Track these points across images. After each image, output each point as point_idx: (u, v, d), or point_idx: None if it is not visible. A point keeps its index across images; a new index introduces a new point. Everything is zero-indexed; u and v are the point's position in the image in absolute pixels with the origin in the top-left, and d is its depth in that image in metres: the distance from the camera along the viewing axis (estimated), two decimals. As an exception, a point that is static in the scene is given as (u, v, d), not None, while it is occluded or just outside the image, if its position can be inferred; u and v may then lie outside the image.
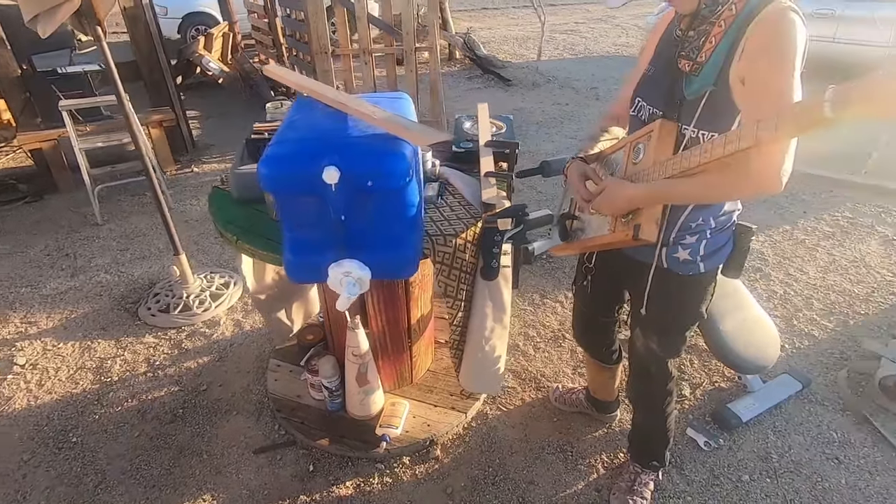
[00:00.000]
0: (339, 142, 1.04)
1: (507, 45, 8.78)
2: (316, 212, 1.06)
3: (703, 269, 1.18)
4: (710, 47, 1.01)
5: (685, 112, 1.06)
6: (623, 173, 1.16)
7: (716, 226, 1.16)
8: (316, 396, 1.90)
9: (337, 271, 1.10)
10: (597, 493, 1.64)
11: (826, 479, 1.67)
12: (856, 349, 2.14)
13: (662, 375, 1.40)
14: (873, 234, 2.96)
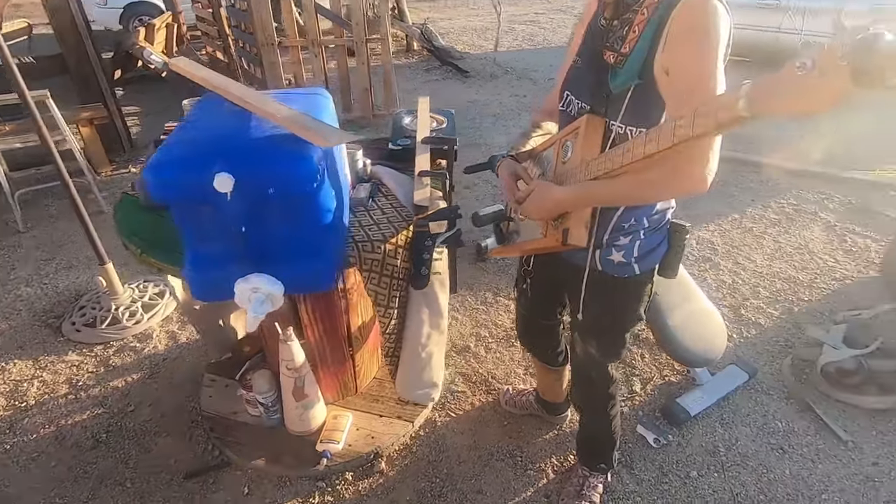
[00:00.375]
0: (236, 145, 0.93)
1: (467, 35, 8.68)
2: (214, 223, 0.96)
3: (639, 271, 1.13)
4: (634, 37, 0.95)
5: (612, 107, 1.00)
6: (553, 173, 1.09)
7: (649, 225, 1.11)
8: (252, 413, 1.79)
9: (244, 287, 1.00)
10: (546, 499, 1.60)
11: (771, 471, 1.67)
12: (800, 336, 2.17)
13: (603, 380, 1.35)
14: (816, 221, 3.03)
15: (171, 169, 0.90)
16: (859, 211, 3.09)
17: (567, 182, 1.02)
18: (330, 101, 1.19)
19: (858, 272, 2.58)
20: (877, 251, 2.70)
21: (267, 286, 1.00)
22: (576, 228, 0.97)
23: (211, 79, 1.14)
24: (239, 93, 1.06)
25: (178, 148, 0.93)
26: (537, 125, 1.28)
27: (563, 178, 1.04)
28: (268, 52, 4.34)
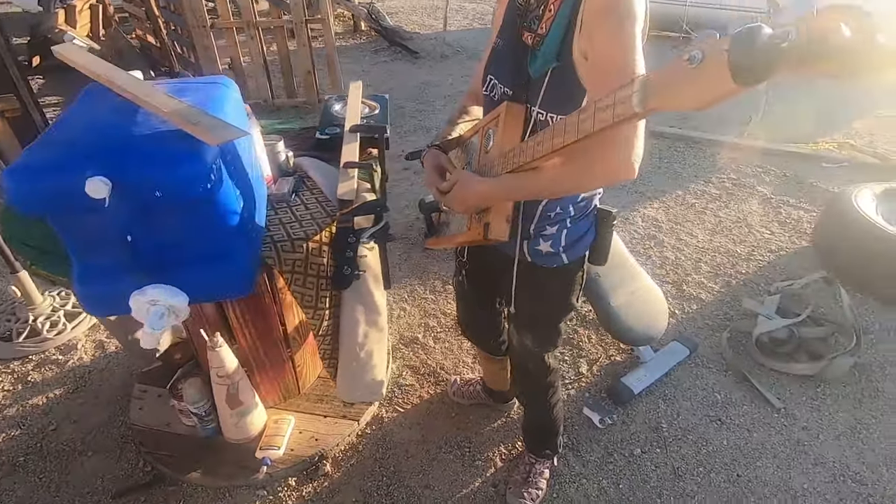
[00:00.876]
0: (113, 144, 0.83)
1: (416, 14, 8.45)
2: (99, 232, 0.86)
3: (567, 260, 1.11)
4: (550, 16, 0.90)
5: (532, 92, 0.95)
6: (477, 163, 1.04)
7: (575, 213, 1.08)
8: (186, 423, 1.70)
9: (140, 300, 0.91)
10: (493, 488, 1.59)
11: (710, 443, 1.72)
12: (738, 309, 2.24)
13: (541, 370, 1.34)
14: (754, 194, 3.12)
15: (33, 175, 0.80)
16: (793, 183, 3.21)
17: (488, 173, 0.97)
18: (233, 91, 1.09)
19: (792, 243, 2.68)
20: (809, 222, 2.81)
21: (166, 297, 0.91)
22: (496, 222, 0.93)
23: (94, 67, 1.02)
24: (124, 83, 0.95)
25: (45, 149, 0.82)
26: (465, 110, 1.22)
27: (485, 168, 0.99)
28: (200, 35, 4.08)
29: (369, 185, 1.38)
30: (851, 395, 1.86)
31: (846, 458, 1.66)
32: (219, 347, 1.47)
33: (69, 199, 0.80)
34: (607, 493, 1.58)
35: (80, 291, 0.93)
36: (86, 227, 0.85)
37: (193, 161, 0.84)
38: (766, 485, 1.59)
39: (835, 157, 3.45)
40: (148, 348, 0.94)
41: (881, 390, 1.87)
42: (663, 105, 0.55)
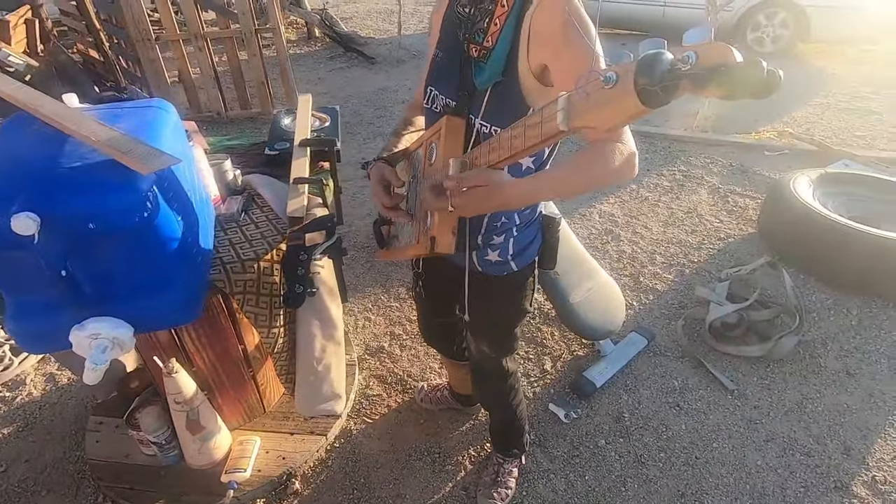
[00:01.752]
0: (41, 176, 0.81)
1: (371, 19, 8.44)
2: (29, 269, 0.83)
3: (517, 268, 1.14)
4: (496, 30, 0.91)
5: (475, 103, 0.96)
6: (422, 175, 1.06)
7: (521, 222, 1.11)
8: (147, 452, 1.65)
9: (81, 335, 0.88)
10: (464, 492, 1.61)
11: (670, 428, 1.79)
12: (691, 297, 2.33)
13: (500, 374, 1.36)
14: (703, 185, 3.26)
15: None
16: (739, 172, 3.36)
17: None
18: (169, 114, 1.07)
19: (740, 230, 2.81)
20: (754, 209, 2.95)
21: (109, 330, 0.89)
22: (442, 236, 0.93)
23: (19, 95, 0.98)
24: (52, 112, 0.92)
25: None
26: (409, 122, 1.22)
27: (429, 180, 1.01)
28: (144, 48, 3.96)
29: (320, 199, 1.38)
30: (797, 371, 1.97)
31: (794, 432, 1.75)
32: (175, 373, 1.43)
33: None
34: (575, 487, 1.62)
35: (14, 329, 0.89)
36: (14, 264, 0.82)
37: (127, 190, 0.82)
38: (722, 464, 1.67)
39: (776, 146, 3.63)
40: (90, 384, 0.92)
41: (823, 365, 1.99)
42: (586, 123, 0.57)
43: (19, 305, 0.88)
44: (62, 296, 0.86)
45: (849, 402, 1.85)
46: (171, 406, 1.49)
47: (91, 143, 0.83)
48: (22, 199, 0.76)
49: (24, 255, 0.81)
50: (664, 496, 1.58)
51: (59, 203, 0.78)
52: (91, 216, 0.80)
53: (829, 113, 4.18)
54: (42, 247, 0.78)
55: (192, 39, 4.04)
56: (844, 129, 3.91)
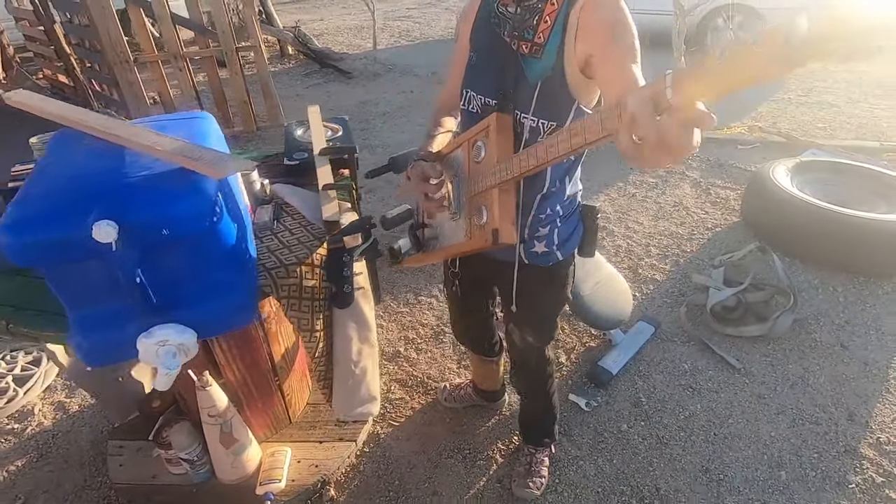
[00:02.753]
0: (111, 187, 0.82)
1: (342, 35, 8.49)
2: (102, 278, 0.84)
3: (562, 257, 1.19)
4: (547, 27, 0.95)
5: (522, 100, 1.01)
6: (467, 174, 1.10)
7: (563, 213, 1.16)
8: (175, 472, 1.62)
9: (148, 343, 0.89)
10: (499, 484, 1.64)
11: (686, 408, 1.87)
12: (689, 284, 2.43)
13: (542, 362, 1.41)
14: (686, 179, 3.41)
15: (34, 227, 0.77)
16: (717, 166, 3.53)
17: (481, 184, 1.02)
18: (213, 124, 1.09)
19: (725, 219, 2.95)
20: (735, 199, 3.10)
21: (176, 336, 0.90)
22: (504, 227, 0.97)
23: (65, 113, 0.99)
24: (103, 126, 0.93)
25: (38, 201, 0.79)
26: (438, 123, 1.26)
27: (478, 178, 1.05)
28: (122, 70, 3.90)
29: (349, 204, 1.41)
30: (796, 347, 2.08)
31: (801, 403, 1.86)
32: (209, 386, 1.43)
33: (73, 249, 0.78)
34: (604, 471, 1.67)
35: (79, 343, 0.89)
36: (86, 274, 0.82)
37: (197, 196, 0.84)
38: (739, 438, 1.75)
39: (747, 140, 3.83)
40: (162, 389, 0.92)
41: (819, 340, 2.11)
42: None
43: (85, 318, 0.88)
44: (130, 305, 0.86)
45: (846, 372, 1.97)
46: (204, 420, 1.48)
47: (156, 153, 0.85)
48: (98, 209, 0.77)
49: (97, 265, 0.82)
50: (690, 472, 1.65)
51: (134, 211, 0.79)
52: (164, 222, 0.81)
53: (792, 107, 4.44)
54: (119, 255, 0.79)
55: (171, 60, 4.01)
56: (807, 121, 4.16)
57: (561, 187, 1.13)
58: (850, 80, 4.99)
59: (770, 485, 1.61)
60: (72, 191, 0.81)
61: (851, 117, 4.19)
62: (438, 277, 2.61)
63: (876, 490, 1.58)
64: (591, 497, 1.60)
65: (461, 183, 1.11)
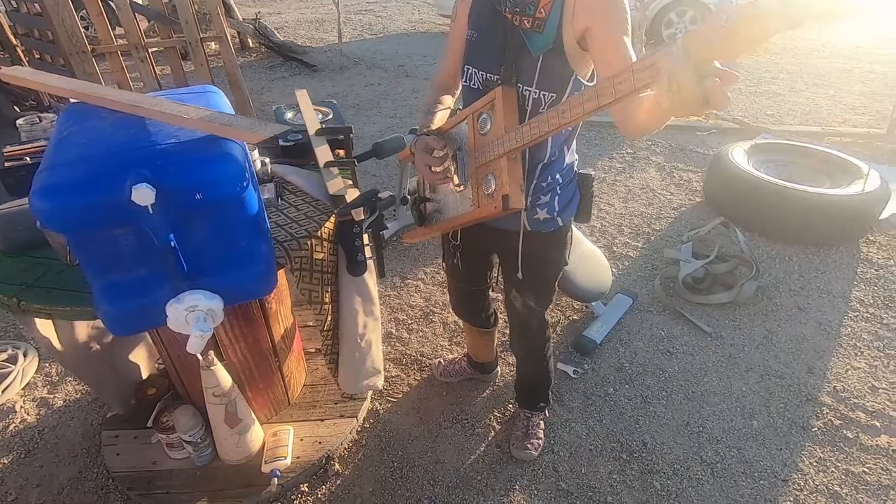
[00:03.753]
0: (145, 152, 0.83)
1: (303, 28, 8.36)
2: (132, 244, 0.85)
3: (562, 223, 1.26)
4: (548, 2, 1.01)
5: (525, 73, 1.06)
6: (472, 146, 1.15)
7: (563, 181, 1.23)
8: (177, 457, 1.62)
9: (178, 309, 0.91)
10: (498, 448, 1.72)
11: (665, 370, 2.00)
12: (661, 259, 2.59)
13: (542, 326, 1.49)
14: (650, 163, 3.59)
15: (70, 191, 0.77)
16: (678, 151, 3.73)
17: (487, 154, 1.08)
18: (223, 97, 1.10)
19: (688, 199, 3.13)
20: (697, 181, 3.30)
21: (205, 301, 0.92)
22: (514, 193, 1.03)
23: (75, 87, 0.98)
24: (120, 97, 0.93)
25: (70, 167, 0.80)
26: (438, 101, 1.30)
27: (484, 149, 1.10)
28: (80, 61, 3.73)
29: (351, 181, 1.45)
30: (760, 311, 2.26)
31: (767, 361, 2.02)
32: (213, 366, 1.44)
33: (108, 212, 0.78)
34: (595, 430, 1.78)
35: (107, 311, 0.89)
36: (115, 240, 0.83)
37: (231, 160, 0.86)
38: (714, 394, 1.89)
39: (704, 126, 4.06)
40: (195, 352, 0.94)
41: (779, 304, 2.30)
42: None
43: (112, 286, 0.88)
44: (164, 269, 0.87)
45: (804, 331, 2.16)
46: (208, 401, 1.49)
47: (184, 122, 0.87)
48: (134, 173, 0.78)
49: (127, 231, 0.83)
50: (672, 427, 1.78)
51: (170, 175, 0.81)
52: (199, 186, 0.83)
53: (743, 96, 4.72)
54: (155, 219, 0.80)
55: (132, 51, 3.87)
56: (757, 108, 4.44)
57: (560, 156, 1.20)
58: (794, 71, 5.35)
59: (744, 433, 1.75)
60: (106, 156, 0.81)
61: (795, 105, 4.51)
62: (424, 261, 2.66)
63: (835, 431, 1.75)
64: (585, 454, 1.70)
65: (465, 156, 1.17)
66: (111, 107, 0.94)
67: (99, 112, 0.95)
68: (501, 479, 1.63)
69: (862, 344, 2.09)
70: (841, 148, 3.21)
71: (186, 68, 4.25)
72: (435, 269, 2.60)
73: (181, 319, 0.91)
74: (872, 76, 5.15)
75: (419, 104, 4.90)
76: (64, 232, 0.81)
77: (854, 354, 2.04)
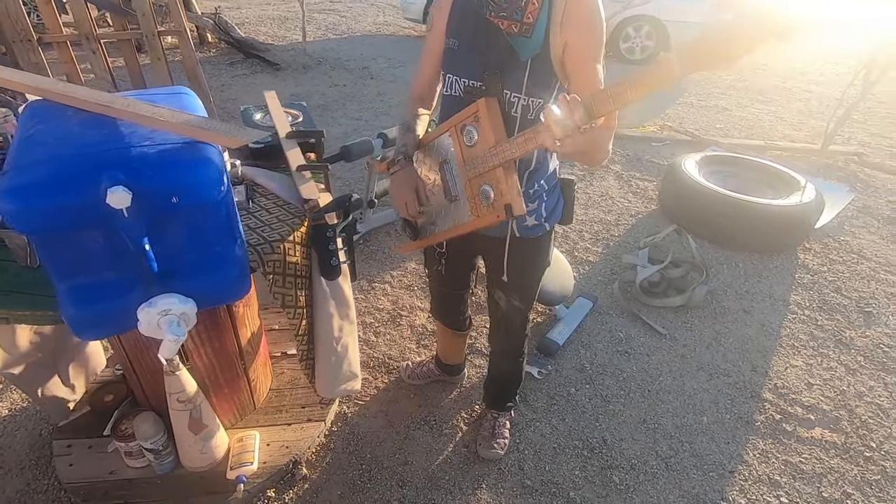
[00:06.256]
0: (119, 153, 0.82)
1: (265, 25, 8.18)
2: (103, 246, 0.83)
3: (549, 227, 1.31)
4: (535, 9, 1.03)
5: (513, 79, 1.07)
6: (461, 158, 1.16)
7: (547, 187, 1.27)
8: (136, 465, 1.56)
9: (151, 313, 0.89)
10: (465, 448, 1.76)
11: (623, 371, 2.10)
12: (619, 264, 2.70)
13: (524, 323, 1.54)
14: (609, 172, 3.73)
15: (41, 192, 0.74)
16: (635, 160, 3.90)
17: (478, 166, 1.10)
18: (197, 99, 1.09)
19: (645, 207, 3.29)
20: (653, 190, 3.46)
21: (179, 305, 0.90)
22: (516, 201, 1.05)
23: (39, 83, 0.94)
24: (89, 96, 0.91)
25: (39, 167, 0.77)
26: (416, 115, 1.30)
27: (475, 160, 1.11)
28: (24, 50, 3.53)
29: (323, 185, 1.45)
30: (710, 314, 2.40)
31: (716, 360, 2.16)
32: (178, 370, 1.40)
33: (81, 214, 0.76)
34: (558, 429, 1.84)
35: (74, 315, 0.86)
36: (85, 242, 0.81)
37: (208, 165, 0.86)
38: (668, 392, 2.00)
39: (659, 137, 4.26)
40: (168, 357, 0.92)
41: (727, 307, 2.45)
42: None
43: (80, 289, 0.85)
44: (136, 272, 0.86)
45: (749, 332, 2.31)
46: (172, 407, 1.45)
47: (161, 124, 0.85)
48: (108, 175, 0.77)
49: (97, 233, 0.81)
50: (630, 424, 1.87)
51: (146, 178, 0.79)
52: (175, 190, 0.82)
53: (693, 110, 4.99)
54: (130, 221, 0.79)
55: (83, 41, 3.69)
56: (707, 122, 4.70)
57: (544, 163, 1.24)
58: (740, 87, 5.69)
59: (695, 428, 1.87)
60: (77, 157, 0.79)
61: (742, 119, 4.80)
62: (391, 264, 2.67)
63: (775, 425, 1.89)
64: (549, 452, 1.76)
65: (453, 168, 1.19)
66: (80, 106, 0.92)
67: (64, 111, 0.92)
68: (469, 478, 1.67)
69: (799, 344, 2.26)
70: (781, 161, 3.45)
71: (142, 61, 4.09)
72: (401, 272, 2.62)
73: (153, 324, 0.90)
74: (809, 94, 5.55)
75: (384, 107, 4.91)
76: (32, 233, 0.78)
77: (792, 354, 2.21)
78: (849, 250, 2.90)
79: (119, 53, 4.13)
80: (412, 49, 7.20)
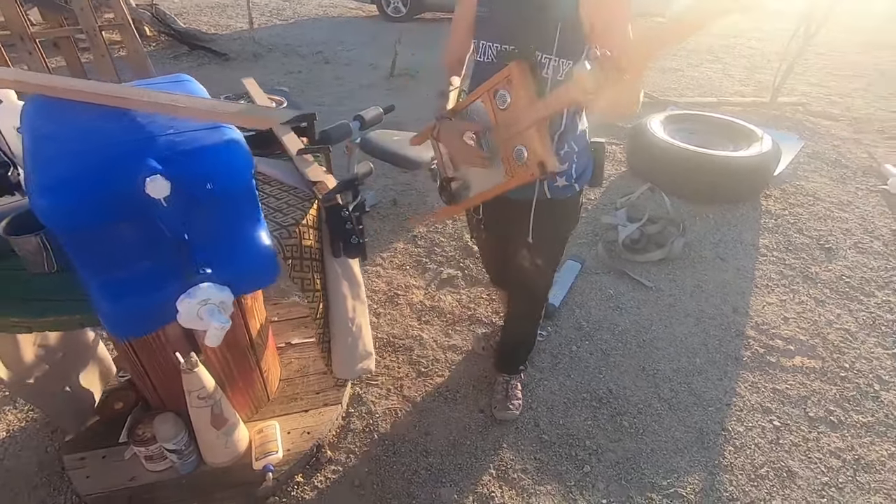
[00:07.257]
0: (149, 143, 0.79)
1: (205, 15, 7.81)
2: (139, 238, 0.81)
3: (579, 188, 1.35)
4: None
5: (544, 41, 1.10)
6: (494, 121, 1.17)
7: (578, 148, 1.29)
8: (158, 468, 1.54)
9: (191, 303, 0.88)
10: (482, 413, 1.82)
11: (618, 325, 2.20)
12: (600, 225, 2.80)
13: (546, 287, 1.59)
14: (577, 139, 3.82)
15: (80, 185, 0.72)
16: (603, 126, 4.00)
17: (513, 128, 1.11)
18: (200, 87, 1.06)
19: (616, 170, 3.40)
20: (620, 152, 3.58)
21: (217, 294, 0.89)
22: (548, 158, 1.08)
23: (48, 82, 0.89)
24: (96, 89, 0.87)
25: (69, 162, 0.74)
26: (450, 82, 1.35)
27: (507, 122, 1.13)
28: (-49, 54, 3.25)
29: (325, 168, 1.44)
30: (689, 264, 2.54)
31: (700, 306, 2.30)
32: (196, 367, 1.39)
33: (121, 204, 0.74)
34: (566, 385, 1.93)
35: (110, 311, 0.84)
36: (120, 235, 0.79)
37: (238, 151, 0.84)
38: (661, 340, 2.13)
39: (620, 102, 4.38)
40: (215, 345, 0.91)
41: (704, 256, 2.60)
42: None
43: (115, 283, 0.83)
44: (174, 263, 0.84)
45: (726, 277, 2.46)
46: (192, 404, 1.44)
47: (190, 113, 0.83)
48: (144, 165, 0.75)
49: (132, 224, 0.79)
50: (631, 372, 1.98)
51: (179, 165, 0.78)
52: (209, 176, 0.81)
53: (650, 73, 5.14)
54: (168, 210, 0.77)
55: (17, 41, 3.43)
56: (662, 83, 4.86)
57: (572, 124, 1.26)
58: (689, 48, 5.89)
59: (690, 370, 1.99)
60: (109, 149, 0.76)
61: (693, 79, 4.99)
62: (379, 247, 2.68)
63: (760, 358, 2.05)
64: (561, 407, 1.85)
65: (487, 131, 1.21)
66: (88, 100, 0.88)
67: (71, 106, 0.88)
68: (489, 440, 1.73)
69: (772, 283, 2.43)
70: (735, 115, 3.63)
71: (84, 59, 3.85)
72: (391, 253, 2.63)
73: (193, 314, 0.89)
74: (752, 51, 5.82)
75: (344, 91, 4.81)
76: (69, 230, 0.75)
77: (767, 292, 2.38)
78: (805, 193, 3.11)
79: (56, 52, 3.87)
80: (363, 31, 7.05)
